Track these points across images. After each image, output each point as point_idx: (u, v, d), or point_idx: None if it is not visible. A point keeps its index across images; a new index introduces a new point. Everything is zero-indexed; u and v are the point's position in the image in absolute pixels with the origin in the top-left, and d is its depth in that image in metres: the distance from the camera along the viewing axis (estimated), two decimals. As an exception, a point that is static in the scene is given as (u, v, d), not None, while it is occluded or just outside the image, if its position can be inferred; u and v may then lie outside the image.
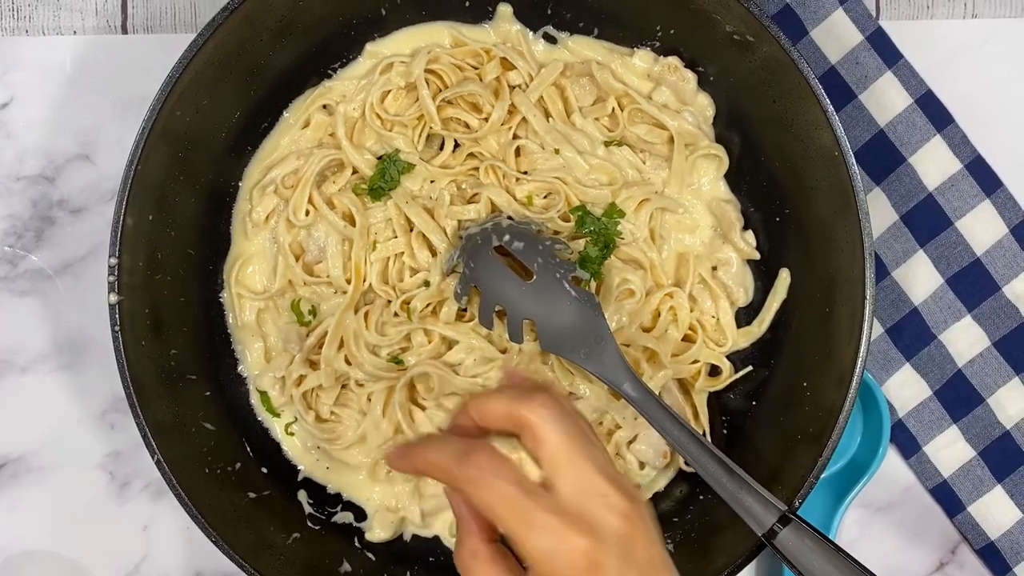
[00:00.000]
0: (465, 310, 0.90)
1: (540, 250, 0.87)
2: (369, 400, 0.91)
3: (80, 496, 0.99)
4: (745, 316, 0.93)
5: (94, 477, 0.99)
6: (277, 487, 0.92)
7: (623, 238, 0.90)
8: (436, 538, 0.93)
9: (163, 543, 0.99)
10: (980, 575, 0.99)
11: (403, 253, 0.90)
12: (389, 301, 0.90)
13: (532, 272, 0.87)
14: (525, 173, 0.91)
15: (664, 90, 0.91)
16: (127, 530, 0.99)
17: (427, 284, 0.90)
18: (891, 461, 0.98)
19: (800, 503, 0.83)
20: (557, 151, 0.90)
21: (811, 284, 0.88)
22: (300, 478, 0.93)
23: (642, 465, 0.92)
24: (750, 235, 0.92)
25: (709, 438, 0.92)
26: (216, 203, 0.92)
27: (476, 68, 0.92)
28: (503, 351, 0.90)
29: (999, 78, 0.99)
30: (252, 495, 0.90)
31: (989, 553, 0.98)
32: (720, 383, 0.92)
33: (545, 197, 0.91)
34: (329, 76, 0.92)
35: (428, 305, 0.90)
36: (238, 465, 0.90)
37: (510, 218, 0.90)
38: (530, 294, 0.87)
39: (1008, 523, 0.97)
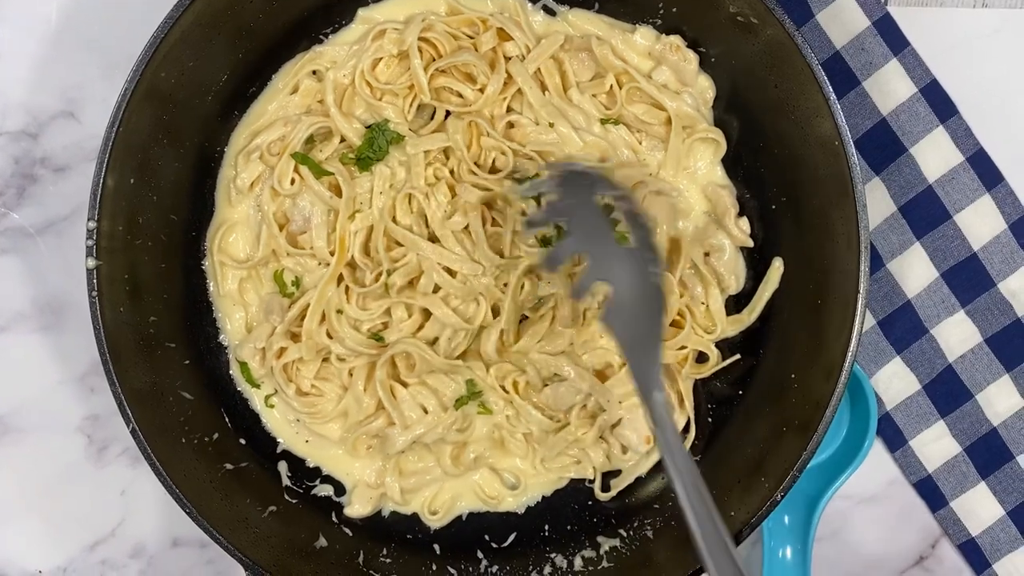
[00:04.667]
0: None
1: (641, 225, 0.80)
2: (351, 375, 0.90)
3: (58, 459, 0.98)
4: (735, 304, 0.92)
5: (72, 440, 0.98)
6: (255, 459, 0.91)
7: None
8: (415, 516, 0.92)
9: (140, 508, 0.98)
10: (958, 570, 0.99)
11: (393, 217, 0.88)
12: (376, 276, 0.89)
13: (628, 240, 0.80)
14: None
15: (664, 70, 0.89)
16: (104, 494, 0.98)
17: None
18: (876, 454, 0.97)
19: (783, 495, 0.82)
20: (552, 125, 0.88)
21: (804, 274, 0.87)
22: (279, 451, 0.92)
23: (624, 449, 0.92)
24: (744, 222, 0.90)
25: (694, 424, 0.91)
26: (201, 168, 0.90)
27: (472, 38, 0.89)
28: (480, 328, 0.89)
29: (1006, 70, 0.97)
30: (229, 466, 0.89)
31: (969, 549, 0.98)
32: (707, 370, 0.91)
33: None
34: (320, 41, 0.90)
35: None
36: (216, 436, 0.89)
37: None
38: (617, 259, 0.78)
39: (990, 520, 0.97)
